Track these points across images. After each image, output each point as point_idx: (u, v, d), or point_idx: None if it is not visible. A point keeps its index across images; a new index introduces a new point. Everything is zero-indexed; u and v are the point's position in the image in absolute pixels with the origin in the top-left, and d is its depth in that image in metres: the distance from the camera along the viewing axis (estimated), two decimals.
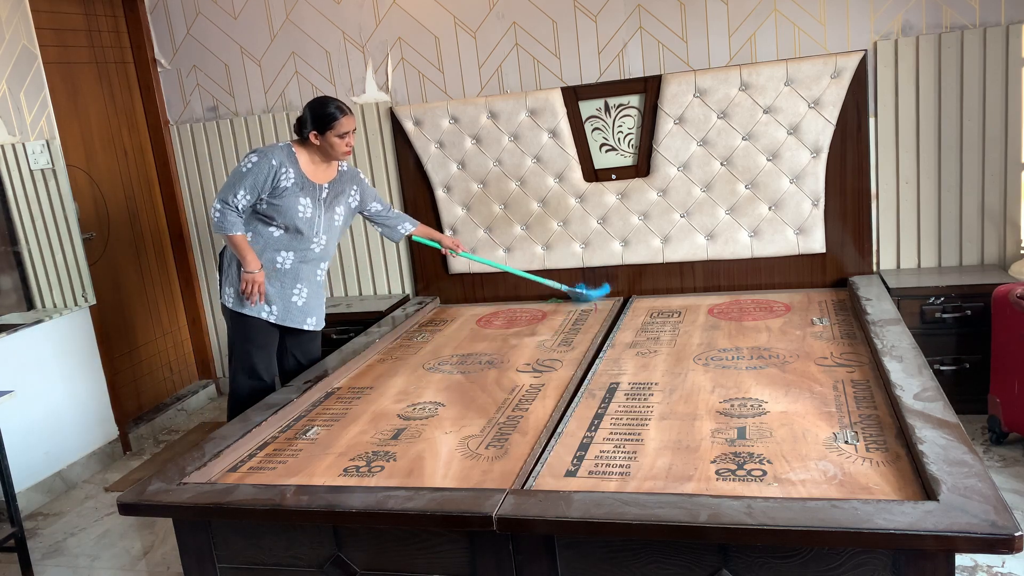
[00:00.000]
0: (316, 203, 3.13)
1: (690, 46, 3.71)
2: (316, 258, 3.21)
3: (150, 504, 2.15)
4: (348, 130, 3.08)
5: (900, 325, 2.86)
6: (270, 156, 3.02)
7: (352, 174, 3.32)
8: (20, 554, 2.98)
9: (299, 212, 3.08)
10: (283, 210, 3.06)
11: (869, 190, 3.62)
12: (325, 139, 3.06)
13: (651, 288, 3.94)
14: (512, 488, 2.01)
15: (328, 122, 3.04)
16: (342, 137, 3.07)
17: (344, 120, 3.06)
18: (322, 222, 3.17)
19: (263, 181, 3.01)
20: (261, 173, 3.00)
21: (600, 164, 3.88)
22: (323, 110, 3.05)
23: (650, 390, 2.63)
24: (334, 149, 3.09)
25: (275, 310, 3.16)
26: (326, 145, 3.08)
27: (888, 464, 1.98)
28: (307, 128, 3.07)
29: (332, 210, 3.20)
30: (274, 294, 3.15)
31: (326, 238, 3.21)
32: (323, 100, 3.08)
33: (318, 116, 3.05)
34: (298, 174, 3.07)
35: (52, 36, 3.97)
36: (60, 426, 3.75)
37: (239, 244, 3.04)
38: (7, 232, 3.56)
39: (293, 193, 3.05)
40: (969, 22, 3.40)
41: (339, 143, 3.07)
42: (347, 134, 3.08)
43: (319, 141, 3.08)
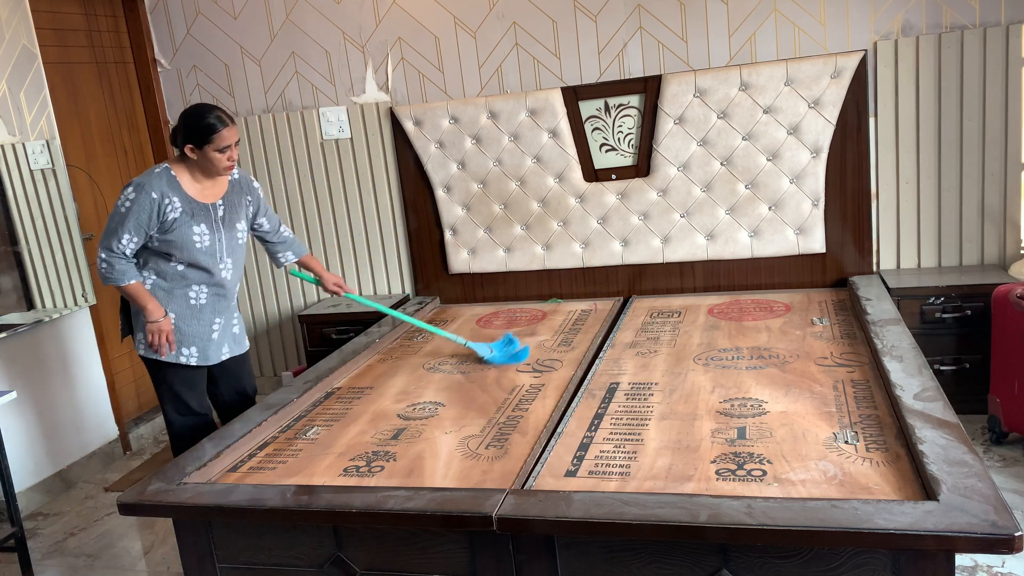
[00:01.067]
0: (213, 227, 2.79)
1: (690, 46, 3.71)
2: (229, 284, 2.90)
3: (150, 504, 2.15)
4: (230, 143, 2.71)
5: (900, 325, 2.86)
6: (148, 189, 2.66)
7: (244, 182, 2.96)
8: (20, 554, 2.98)
9: (196, 243, 2.74)
10: (178, 244, 2.72)
11: (869, 190, 3.62)
12: (203, 154, 2.69)
13: (651, 288, 3.94)
14: (512, 488, 2.01)
15: (206, 135, 2.66)
16: (223, 151, 2.70)
17: (225, 132, 2.68)
18: (223, 246, 2.83)
19: (147, 219, 2.65)
20: (143, 211, 2.64)
21: (600, 164, 3.88)
22: (201, 120, 2.67)
23: (650, 390, 2.63)
24: (213, 165, 2.72)
25: (194, 351, 2.84)
26: (204, 160, 2.71)
27: (888, 464, 1.97)
28: (181, 140, 2.71)
29: (232, 229, 2.86)
30: (193, 334, 2.83)
31: (231, 261, 2.88)
32: (200, 109, 2.71)
33: (195, 127, 2.67)
34: (184, 200, 2.72)
35: (52, 36, 3.97)
36: (60, 426, 3.75)
37: (136, 293, 2.71)
38: (7, 232, 3.56)
39: (184, 223, 2.71)
40: (969, 22, 3.40)
41: (219, 158, 2.70)
42: (228, 148, 2.71)
43: (196, 156, 2.71)
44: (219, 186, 2.83)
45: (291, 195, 4.41)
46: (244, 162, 4.43)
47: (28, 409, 3.58)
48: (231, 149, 2.72)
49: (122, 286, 2.70)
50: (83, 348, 3.88)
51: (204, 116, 2.67)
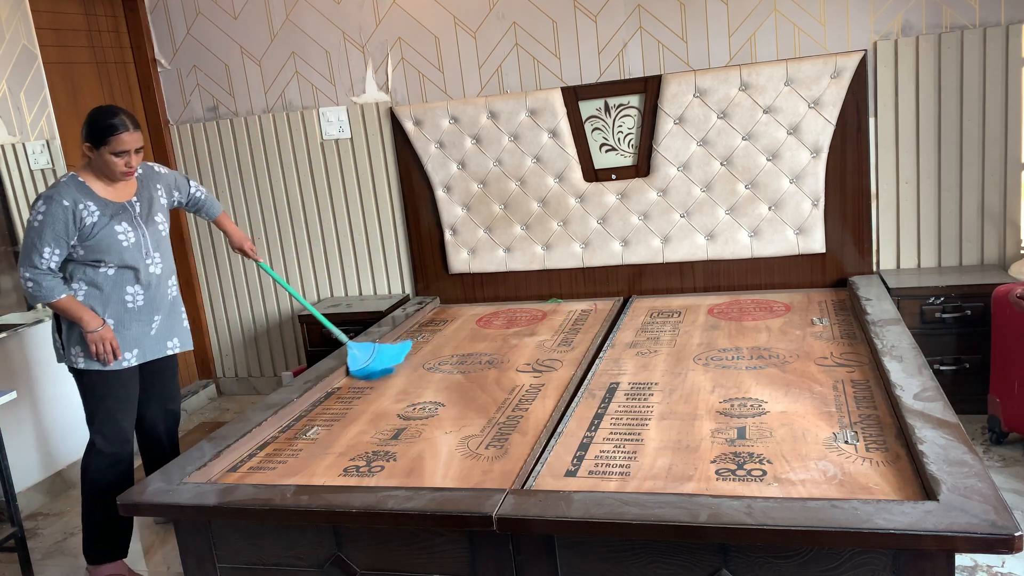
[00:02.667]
0: (134, 223, 2.72)
1: (690, 46, 3.71)
2: (161, 278, 2.82)
3: (150, 504, 2.15)
4: (129, 148, 2.60)
5: (900, 325, 2.86)
6: (59, 198, 2.57)
7: (148, 173, 2.86)
8: (20, 554, 2.98)
9: (122, 242, 2.67)
10: (105, 248, 2.64)
11: (869, 190, 3.62)
12: (99, 155, 2.60)
13: (651, 288, 3.94)
14: (512, 488, 2.01)
15: (104, 136, 2.57)
16: (119, 156, 2.60)
17: (125, 136, 2.58)
18: (148, 241, 2.76)
19: (63, 229, 2.57)
20: (58, 222, 2.56)
21: (600, 164, 3.88)
22: (102, 120, 2.58)
23: (650, 390, 2.63)
24: (108, 168, 2.62)
25: (136, 353, 2.78)
26: (100, 162, 2.61)
27: (888, 464, 1.98)
28: (82, 139, 2.62)
29: (152, 223, 2.79)
30: (133, 337, 2.77)
31: (159, 255, 2.80)
32: (106, 109, 2.62)
33: (94, 127, 2.59)
34: (99, 203, 2.64)
35: (52, 36, 3.97)
36: (60, 426, 3.75)
37: (68, 307, 2.62)
38: (7, 232, 3.56)
39: (105, 225, 2.64)
40: (969, 22, 3.40)
41: (115, 162, 2.60)
42: (127, 153, 2.61)
43: (92, 156, 2.62)
44: (129, 185, 2.77)
45: (291, 195, 4.41)
46: (244, 162, 4.43)
47: (28, 409, 3.58)
48: (130, 155, 2.62)
49: (53, 302, 2.60)
50: None
51: (107, 116, 2.59)
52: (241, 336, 4.71)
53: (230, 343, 4.74)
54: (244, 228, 4.52)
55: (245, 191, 4.48)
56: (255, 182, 4.45)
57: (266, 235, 4.51)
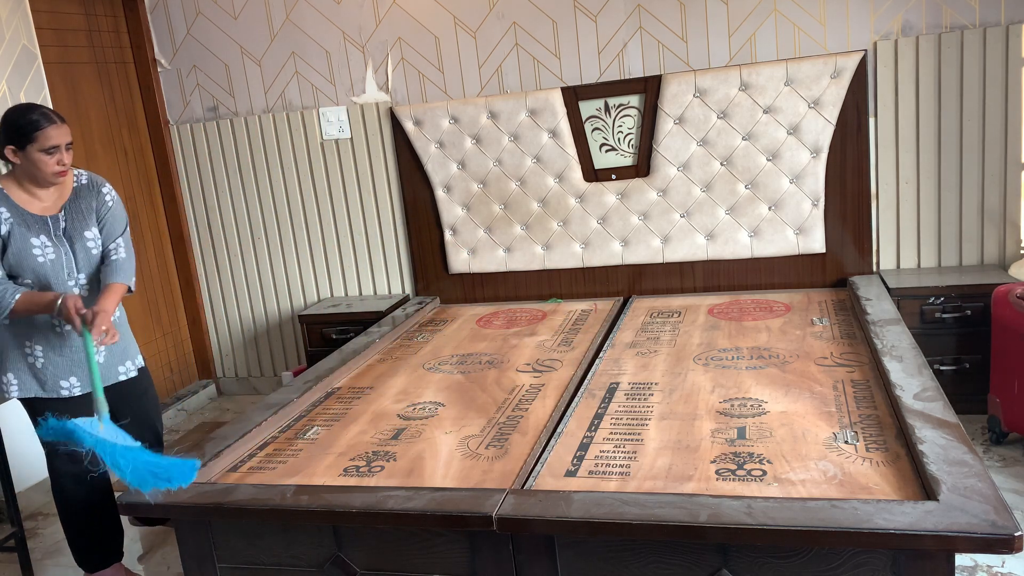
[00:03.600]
0: (54, 240, 2.48)
1: (690, 46, 3.71)
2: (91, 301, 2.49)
3: (150, 504, 2.14)
4: (58, 143, 2.40)
5: (900, 325, 2.86)
6: None
7: (92, 186, 2.62)
8: (20, 554, 2.98)
9: (37, 257, 2.43)
10: (19, 262, 2.41)
11: (869, 190, 3.62)
12: (26, 156, 2.38)
13: (651, 288, 3.94)
14: (512, 488, 2.01)
15: (27, 132, 2.36)
16: (49, 153, 2.39)
17: (51, 131, 2.38)
18: (73, 260, 2.50)
19: None
20: None
21: (600, 164, 3.88)
22: (21, 118, 2.37)
23: (650, 390, 2.63)
24: (39, 168, 2.40)
25: (75, 381, 2.53)
26: (28, 164, 2.40)
27: (888, 464, 1.98)
28: (2, 144, 2.40)
29: (81, 238, 2.52)
30: (67, 363, 2.52)
31: (84, 276, 2.55)
32: (23, 107, 2.42)
33: (14, 126, 2.38)
34: (15, 211, 2.43)
35: (52, 36, 3.97)
36: None
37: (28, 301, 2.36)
38: None
39: (20, 236, 2.41)
40: (969, 22, 3.40)
41: (45, 160, 2.39)
42: (57, 149, 2.40)
43: (19, 159, 2.40)
44: (60, 193, 2.53)
45: (291, 195, 4.41)
46: (244, 162, 4.43)
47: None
48: (60, 151, 2.42)
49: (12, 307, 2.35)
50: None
51: (26, 113, 2.38)
52: (241, 336, 4.71)
53: (230, 343, 4.74)
54: (244, 228, 4.53)
55: (245, 191, 4.47)
56: (255, 182, 4.45)
57: (266, 235, 4.51)
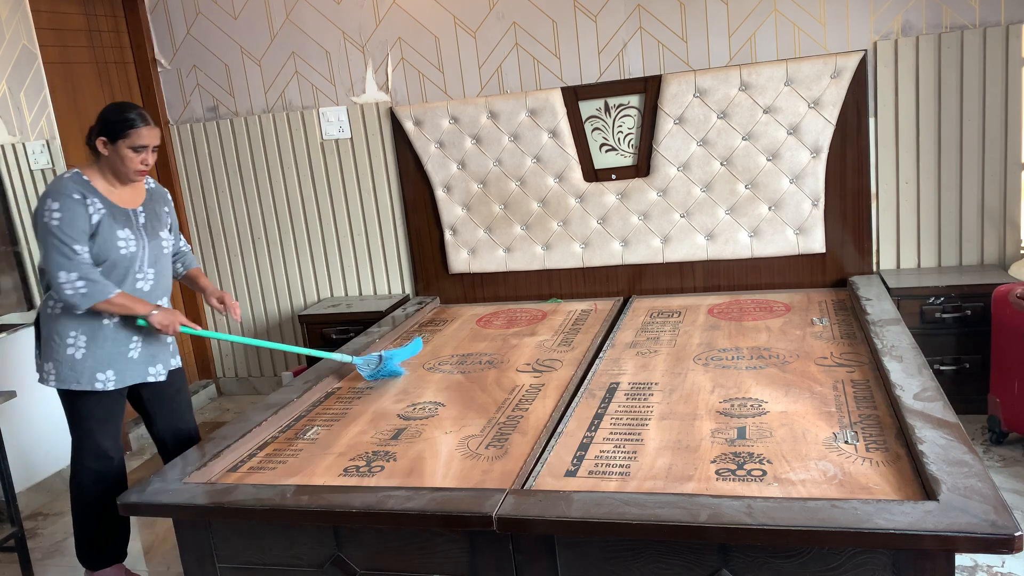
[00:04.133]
0: (136, 233, 2.59)
1: (690, 46, 3.71)
2: (149, 297, 2.64)
3: (150, 504, 2.15)
4: (147, 144, 2.51)
5: (900, 325, 2.86)
6: (68, 191, 2.45)
7: (160, 192, 2.77)
8: (20, 554, 2.98)
9: (120, 247, 2.53)
10: (103, 251, 2.50)
11: (869, 190, 3.62)
12: (115, 149, 2.49)
13: (651, 288, 3.94)
14: (512, 488, 2.01)
15: (122, 129, 2.47)
16: (137, 151, 2.50)
17: (144, 131, 2.49)
18: (146, 254, 2.61)
19: (84, 221, 2.44)
20: (76, 215, 2.43)
21: (600, 164, 3.88)
22: (119, 115, 2.50)
23: (650, 390, 2.63)
24: (124, 164, 2.51)
25: (111, 375, 2.58)
26: (115, 158, 2.50)
27: (888, 464, 1.98)
28: (95, 135, 2.51)
29: (156, 237, 2.66)
30: (107, 356, 2.57)
31: (153, 272, 2.65)
32: (122, 104, 2.55)
33: (111, 121, 2.49)
34: (105, 202, 2.52)
35: (52, 36, 3.97)
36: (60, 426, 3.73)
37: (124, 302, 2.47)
38: (7, 232, 3.56)
39: (108, 226, 2.50)
40: (969, 22, 3.40)
41: (132, 157, 2.50)
42: (144, 149, 2.51)
43: (107, 151, 2.50)
44: (137, 193, 2.64)
45: (291, 195, 4.41)
46: (244, 162, 4.43)
47: (28, 409, 3.58)
48: (147, 152, 2.52)
49: (109, 299, 2.43)
50: None
51: (124, 111, 2.51)
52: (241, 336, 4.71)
53: (230, 343, 4.74)
54: (244, 228, 4.53)
55: (245, 191, 4.47)
56: (255, 182, 4.45)
57: (266, 235, 4.51)
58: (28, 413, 3.59)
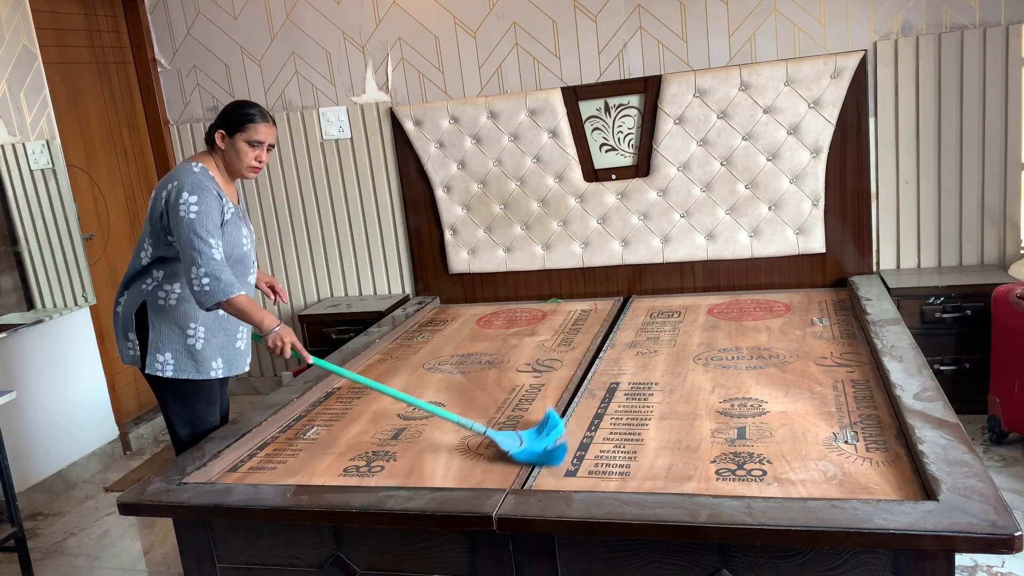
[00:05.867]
0: (249, 229, 2.65)
1: (690, 46, 3.71)
2: (248, 290, 2.65)
3: (150, 504, 2.15)
4: (264, 140, 2.52)
5: (900, 325, 2.86)
6: (204, 185, 2.43)
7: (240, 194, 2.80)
8: (20, 554, 2.98)
9: (243, 244, 2.56)
10: (230, 249, 2.51)
11: (869, 190, 3.62)
12: (232, 143, 2.50)
13: (651, 288, 3.94)
14: (512, 488, 2.01)
15: (241, 123, 2.49)
16: (253, 146, 2.51)
17: (263, 127, 2.51)
18: (253, 248, 2.68)
19: (218, 215, 2.45)
20: (213, 211, 2.42)
21: (600, 164, 3.88)
22: (240, 109, 2.53)
23: (650, 390, 2.63)
24: (239, 158, 2.50)
25: (221, 363, 2.61)
26: (231, 151, 2.51)
27: (888, 464, 1.98)
28: (214, 128, 2.54)
29: (251, 233, 2.69)
30: (221, 346, 2.60)
31: (256, 266, 2.72)
32: (244, 101, 2.58)
33: (232, 115, 2.52)
34: (226, 201, 2.52)
35: (52, 36, 3.97)
36: (60, 426, 3.75)
37: (245, 307, 2.39)
38: (7, 232, 3.56)
39: (235, 223, 2.53)
40: (969, 22, 3.40)
41: (247, 152, 2.50)
42: (260, 144, 2.52)
43: (224, 144, 2.52)
44: (232, 192, 2.63)
45: (291, 195, 4.41)
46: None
47: (28, 409, 3.58)
48: (262, 149, 2.53)
49: (231, 299, 2.36)
50: (83, 348, 3.88)
51: (246, 106, 2.53)
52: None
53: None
54: None
55: (245, 191, 4.47)
56: (255, 182, 4.45)
57: (266, 235, 4.51)
58: (28, 413, 3.59)
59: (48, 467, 3.68)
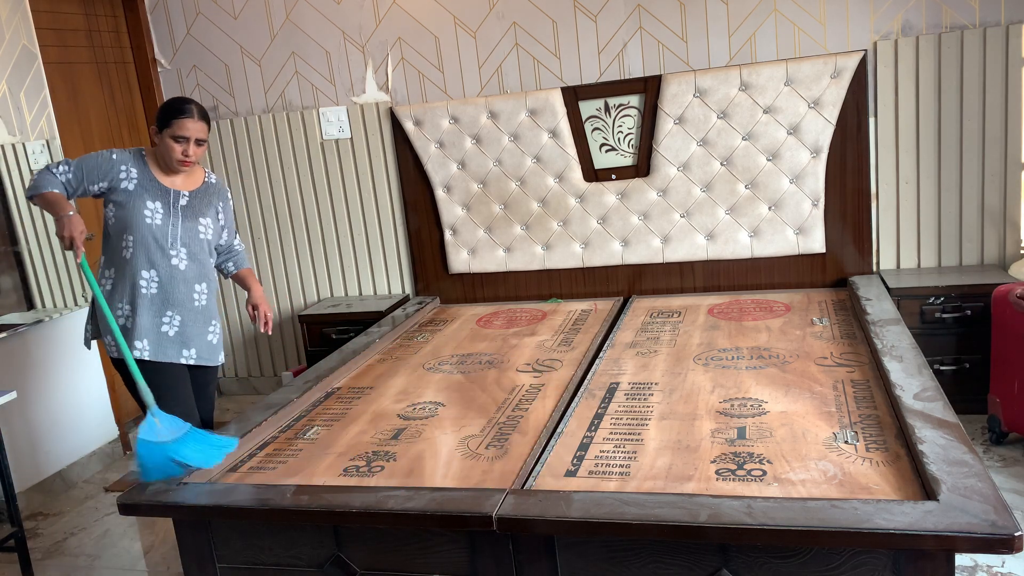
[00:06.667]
0: (169, 209, 2.67)
1: (690, 46, 3.71)
2: (183, 277, 2.68)
3: (150, 504, 2.15)
4: (189, 135, 2.59)
5: (900, 325, 2.86)
6: (115, 152, 2.65)
7: (221, 189, 2.86)
8: (20, 554, 2.98)
9: (146, 217, 2.61)
10: (129, 215, 2.61)
11: (869, 190, 3.62)
12: (161, 138, 2.62)
13: (651, 288, 3.94)
14: (512, 488, 2.01)
15: (167, 119, 2.59)
16: (178, 141, 2.59)
17: (187, 122, 2.58)
18: (179, 231, 2.68)
19: (94, 167, 2.60)
20: (100, 161, 2.61)
21: (600, 164, 3.88)
22: (170, 104, 2.62)
23: (650, 390, 2.63)
24: (167, 153, 2.61)
25: (147, 344, 2.64)
26: (162, 146, 2.62)
27: (888, 464, 1.97)
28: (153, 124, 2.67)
29: (194, 220, 2.71)
30: (142, 326, 2.64)
31: (187, 252, 2.69)
32: (179, 98, 2.67)
33: (162, 110, 2.62)
34: (143, 175, 2.65)
35: (52, 36, 3.97)
36: (60, 426, 3.75)
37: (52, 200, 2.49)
38: (7, 232, 3.56)
39: (138, 195, 2.62)
40: (969, 22, 3.40)
41: (174, 147, 2.59)
42: (186, 140, 2.59)
43: (156, 140, 2.64)
44: (192, 179, 2.74)
45: (291, 195, 4.41)
46: (244, 162, 4.43)
47: (28, 409, 3.58)
48: (188, 144, 2.59)
49: (39, 193, 2.51)
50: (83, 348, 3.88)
51: (175, 102, 2.62)
52: (241, 336, 4.71)
53: (230, 343, 4.74)
54: (245, 228, 4.53)
55: (245, 191, 4.48)
56: (255, 182, 4.45)
57: (266, 235, 4.51)
58: (28, 413, 3.59)
59: (48, 467, 3.68)
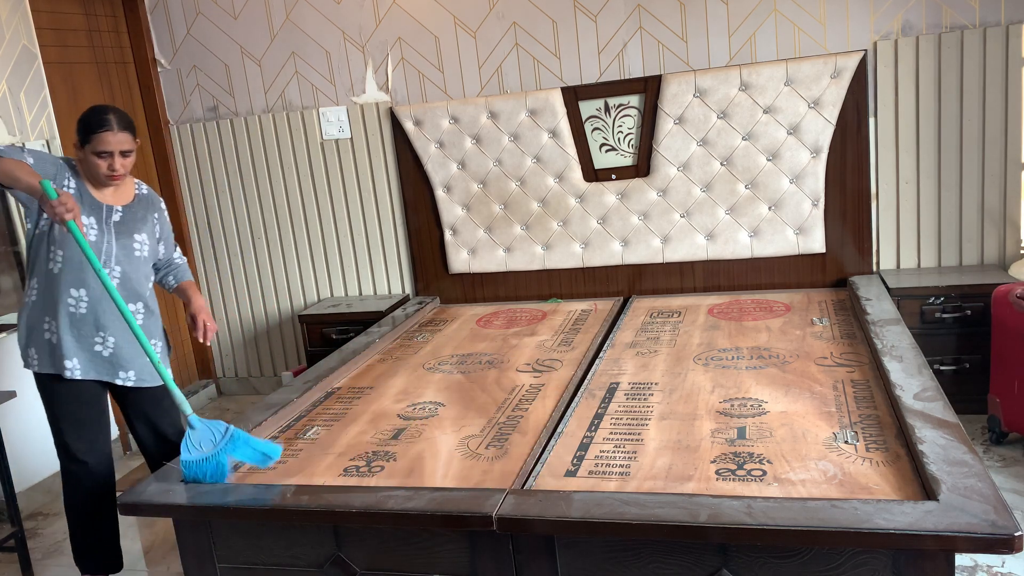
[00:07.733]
0: (103, 226, 2.52)
1: (690, 46, 3.71)
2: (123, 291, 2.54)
3: (150, 504, 2.15)
4: (112, 149, 2.42)
5: (900, 325, 2.86)
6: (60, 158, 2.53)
7: (152, 200, 2.70)
8: (20, 554, 2.98)
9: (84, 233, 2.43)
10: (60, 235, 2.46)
11: (869, 190, 3.63)
12: (84, 154, 2.45)
13: (651, 288, 3.94)
14: (512, 488, 2.01)
15: (87, 133, 2.41)
16: (101, 156, 2.42)
17: (108, 136, 2.39)
18: (113, 249, 2.54)
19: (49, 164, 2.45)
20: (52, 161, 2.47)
21: (600, 164, 3.88)
22: (89, 118, 2.42)
23: (650, 390, 2.63)
24: (92, 170, 2.45)
25: (77, 363, 2.51)
26: (87, 161, 2.45)
27: (888, 464, 1.98)
28: None
29: (128, 238, 2.57)
30: (73, 345, 2.51)
31: (120, 269, 2.56)
32: (95, 108, 2.46)
33: (80, 124, 2.43)
34: (80, 187, 2.49)
35: (52, 36, 3.97)
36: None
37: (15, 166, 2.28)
38: (7, 232, 3.56)
39: None
40: (969, 22, 3.40)
41: (98, 163, 2.43)
42: (110, 155, 2.42)
43: (79, 154, 2.48)
44: (124, 193, 2.61)
45: (291, 195, 4.41)
46: (244, 162, 4.43)
47: (28, 409, 3.58)
48: (113, 158, 2.43)
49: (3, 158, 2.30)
50: None
51: (94, 114, 2.42)
52: (241, 336, 4.71)
53: (230, 343, 4.74)
54: (244, 228, 4.53)
55: (245, 191, 4.48)
56: (255, 182, 4.45)
57: (266, 235, 4.51)
58: (28, 413, 3.58)
59: (48, 467, 3.68)
